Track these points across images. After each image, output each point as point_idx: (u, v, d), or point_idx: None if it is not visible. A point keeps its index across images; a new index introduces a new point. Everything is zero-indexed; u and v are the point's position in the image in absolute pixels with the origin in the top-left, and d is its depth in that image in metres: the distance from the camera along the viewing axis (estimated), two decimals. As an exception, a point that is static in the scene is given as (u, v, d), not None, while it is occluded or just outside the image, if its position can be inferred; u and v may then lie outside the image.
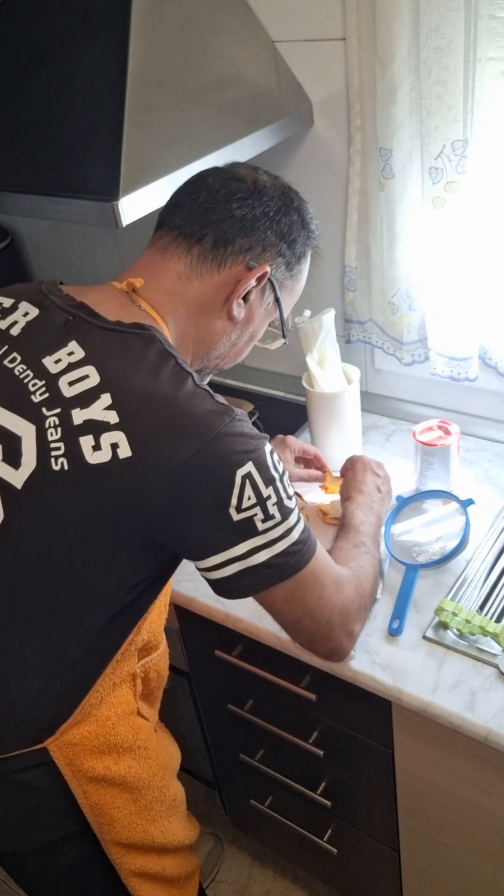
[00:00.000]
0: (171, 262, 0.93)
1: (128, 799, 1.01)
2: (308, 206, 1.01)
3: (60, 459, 0.83)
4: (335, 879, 1.57)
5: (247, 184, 0.94)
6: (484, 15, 1.06)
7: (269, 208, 0.94)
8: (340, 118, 1.32)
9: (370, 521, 1.15)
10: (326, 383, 1.38)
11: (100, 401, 0.83)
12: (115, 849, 1.02)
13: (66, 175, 1.08)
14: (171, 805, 1.08)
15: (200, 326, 0.95)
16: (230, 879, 1.75)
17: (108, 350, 0.86)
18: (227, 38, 1.22)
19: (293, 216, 0.97)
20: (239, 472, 0.82)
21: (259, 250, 0.94)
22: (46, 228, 1.93)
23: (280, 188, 0.97)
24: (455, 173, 1.17)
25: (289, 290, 1.02)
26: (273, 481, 0.85)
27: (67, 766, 0.94)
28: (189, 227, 0.93)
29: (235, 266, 0.93)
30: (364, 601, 1.00)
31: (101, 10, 1.11)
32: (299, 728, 1.28)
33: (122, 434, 0.81)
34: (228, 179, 0.94)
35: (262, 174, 0.97)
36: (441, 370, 1.39)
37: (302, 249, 0.99)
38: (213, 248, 0.92)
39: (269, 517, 0.85)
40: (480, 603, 1.16)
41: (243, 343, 1.02)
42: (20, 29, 1.22)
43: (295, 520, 0.88)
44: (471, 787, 1.09)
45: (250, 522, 0.84)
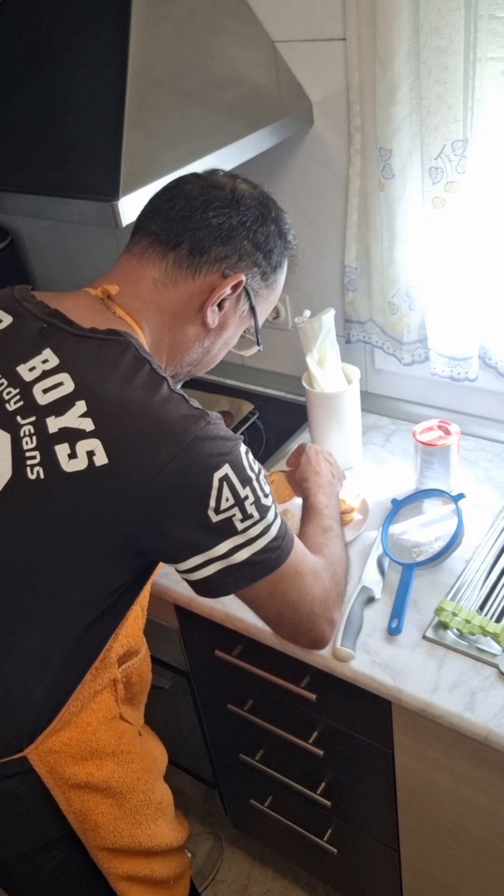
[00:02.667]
0: (147, 268, 0.93)
1: (112, 804, 1.00)
2: (286, 216, 1.01)
3: (36, 468, 0.83)
4: (335, 879, 1.57)
5: (225, 192, 0.94)
6: (484, 15, 1.06)
7: (246, 218, 0.94)
8: (340, 118, 1.32)
9: (332, 504, 1.15)
10: (326, 383, 1.38)
11: (75, 408, 0.82)
12: (101, 854, 1.01)
13: (66, 175, 1.08)
14: (157, 808, 1.08)
15: (175, 333, 0.95)
16: (230, 879, 1.75)
17: (82, 357, 0.86)
18: (227, 38, 1.22)
19: (270, 226, 0.96)
20: (216, 475, 0.82)
21: (235, 259, 0.94)
22: (46, 228, 1.93)
23: (258, 198, 0.97)
24: (455, 173, 1.17)
25: (264, 299, 1.02)
26: (250, 481, 0.85)
27: (48, 774, 0.94)
28: (165, 234, 0.92)
29: (210, 274, 0.93)
30: (340, 587, 1.01)
31: (101, 9, 1.11)
32: (299, 728, 1.28)
33: (98, 441, 0.81)
34: (207, 187, 0.94)
35: (241, 183, 0.97)
36: (441, 370, 1.39)
37: (278, 259, 0.99)
38: (188, 255, 0.92)
39: (248, 516, 0.85)
40: (480, 603, 1.16)
41: (217, 350, 1.02)
42: (20, 28, 1.22)
43: (273, 516, 0.88)
44: (471, 787, 1.09)
45: (229, 523, 0.84)
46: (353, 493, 1.36)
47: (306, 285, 1.56)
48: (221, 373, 1.84)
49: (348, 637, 1.09)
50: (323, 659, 1.10)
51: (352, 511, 1.31)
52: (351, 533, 1.28)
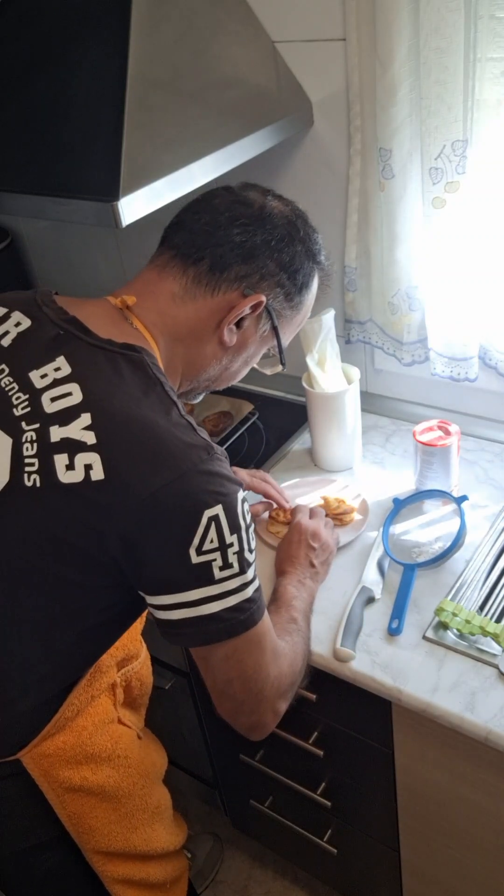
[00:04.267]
0: (167, 281, 0.93)
1: (107, 808, 1.00)
2: (316, 236, 0.99)
3: (33, 476, 0.82)
4: (335, 880, 1.57)
5: (253, 209, 0.93)
6: (484, 15, 1.06)
7: (271, 237, 0.92)
8: (340, 118, 1.32)
9: (302, 598, 1.11)
10: (326, 383, 1.38)
11: (79, 420, 0.81)
12: (96, 857, 1.01)
13: (66, 175, 1.08)
14: (154, 813, 1.07)
15: (191, 349, 0.94)
16: (230, 879, 1.75)
17: (94, 369, 0.85)
18: (227, 38, 1.22)
19: (297, 246, 0.95)
20: (206, 513, 0.80)
21: (256, 278, 0.93)
22: (46, 228, 1.93)
23: (287, 216, 0.95)
24: (455, 173, 1.17)
25: (288, 320, 1.00)
26: (239, 529, 0.82)
27: (42, 777, 0.93)
28: (187, 249, 0.92)
29: (230, 292, 0.92)
30: (295, 678, 0.96)
31: (101, 10, 1.11)
32: (299, 728, 1.27)
33: (98, 456, 0.80)
34: (235, 203, 0.93)
35: (273, 200, 0.95)
36: (441, 370, 1.39)
37: (305, 280, 0.98)
38: (208, 272, 0.91)
39: (228, 566, 0.82)
40: (480, 603, 1.16)
41: (237, 367, 1.02)
42: (20, 29, 1.22)
43: (252, 575, 0.85)
44: (471, 787, 1.09)
45: (208, 568, 0.81)
46: (353, 494, 1.36)
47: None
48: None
49: (348, 637, 1.10)
50: (323, 659, 1.10)
51: (352, 511, 1.31)
52: (351, 533, 1.28)
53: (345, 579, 1.21)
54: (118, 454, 0.80)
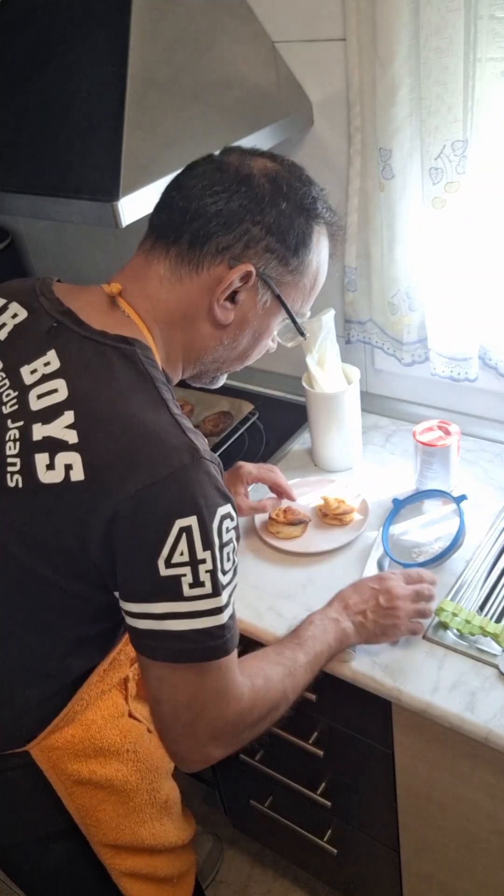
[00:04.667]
0: (153, 265, 0.88)
1: (115, 802, 0.99)
2: (307, 188, 0.90)
3: (15, 476, 0.81)
4: (335, 880, 1.56)
5: (228, 173, 0.86)
6: (484, 15, 1.06)
7: (248, 199, 0.85)
8: (340, 118, 1.32)
9: (323, 642, 1.00)
10: (326, 383, 1.38)
11: (62, 418, 0.79)
12: (104, 850, 1.01)
13: (66, 175, 1.08)
14: (162, 807, 1.07)
15: (187, 332, 0.90)
16: (230, 879, 1.75)
17: (83, 364, 0.82)
18: (227, 38, 1.22)
19: (281, 204, 0.86)
20: (178, 522, 0.75)
21: (240, 247, 0.86)
22: (46, 228, 1.93)
23: (268, 173, 0.87)
24: (455, 174, 1.17)
25: (292, 285, 0.92)
26: (212, 546, 0.77)
27: (51, 770, 0.93)
28: (166, 229, 0.87)
29: (215, 266, 0.86)
30: (243, 728, 0.88)
31: (101, 10, 1.11)
32: (299, 728, 1.27)
33: (78, 456, 0.78)
34: (210, 171, 0.87)
35: (254, 159, 0.88)
36: (441, 370, 1.39)
37: (299, 239, 0.89)
38: (188, 249, 0.86)
39: (198, 583, 0.77)
40: (480, 603, 1.16)
41: (246, 345, 0.94)
42: (21, 29, 1.22)
43: (226, 601, 0.80)
44: (471, 787, 1.09)
45: (176, 582, 0.77)
46: (353, 494, 1.36)
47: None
48: (221, 373, 1.84)
49: (348, 637, 1.09)
50: (323, 659, 1.10)
51: (352, 511, 1.31)
52: (351, 533, 1.28)
53: (345, 579, 1.21)
54: (98, 455, 0.77)
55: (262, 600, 1.20)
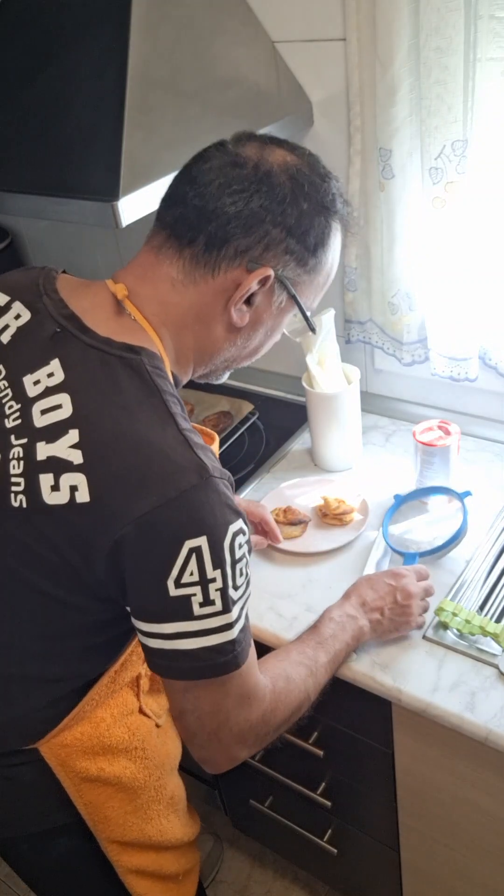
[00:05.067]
0: (164, 265, 0.84)
1: (123, 799, 1.00)
2: (326, 184, 0.86)
3: (20, 496, 0.79)
4: (335, 879, 1.57)
5: (247, 170, 0.82)
6: (484, 15, 1.06)
7: (269, 200, 0.81)
8: (340, 118, 1.32)
9: (342, 640, 1.01)
10: (326, 383, 1.38)
11: (67, 437, 0.77)
12: (110, 846, 1.01)
13: (66, 175, 1.08)
14: (168, 804, 1.07)
15: (200, 336, 0.87)
16: (230, 879, 1.75)
17: (87, 376, 0.80)
18: (227, 38, 1.22)
19: (303, 204, 0.83)
20: (187, 544, 0.74)
21: (260, 250, 0.82)
22: (46, 228, 1.93)
23: (288, 169, 0.83)
24: (455, 174, 1.17)
25: (307, 284, 0.89)
26: (223, 564, 0.76)
27: (60, 766, 0.93)
28: (180, 228, 0.83)
29: (232, 270, 0.83)
30: (268, 730, 0.89)
31: (101, 10, 1.11)
32: (299, 728, 1.27)
33: (84, 477, 0.76)
34: (227, 165, 0.82)
35: (272, 152, 0.84)
36: (441, 370, 1.39)
37: (318, 239, 0.86)
38: (205, 251, 0.82)
39: (209, 602, 0.76)
40: (480, 603, 1.16)
41: (257, 343, 0.93)
42: (21, 29, 1.22)
43: (237, 615, 0.79)
44: (471, 787, 1.09)
45: (186, 602, 0.76)
46: (353, 494, 1.36)
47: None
48: (221, 373, 1.84)
49: (348, 637, 1.09)
50: (323, 659, 1.10)
51: (352, 511, 1.31)
52: (351, 533, 1.28)
53: (345, 579, 1.21)
54: (104, 476, 0.75)
55: (262, 600, 1.20)
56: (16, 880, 1.85)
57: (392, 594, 1.07)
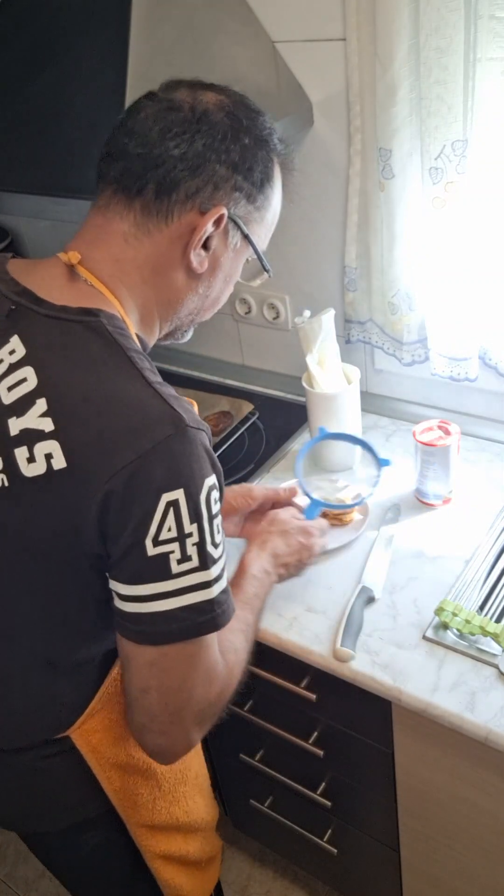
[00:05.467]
0: (114, 222, 0.82)
1: (151, 783, 1.01)
2: (263, 118, 0.86)
3: (0, 475, 0.78)
4: (335, 879, 1.57)
5: (183, 112, 0.81)
6: (484, 15, 1.06)
7: (211, 138, 0.80)
8: (340, 118, 1.32)
9: (263, 598, 1.02)
10: (326, 383, 1.38)
11: (35, 407, 0.76)
12: (140, 831, 1.02)
13: (66, 175, 1.08)
14: (193, 784, 1.08)
15: (161, 288, 0.85)
16: (230, 879, 1.75)
17: (48, 346, 0.79)
18: (227, 38, 1.22)
19: (244, 139, 0.82)
20: (164, 497, 0.73)
21: (210, 190, 0.81)
22: (46, 228, 1.93)
23: (224, 107, 0.83)
24: (455, 174, 1.17)
25: (258, 222, 0.88)
26: (200, 519, 0.75)
27: (91, 753, 0.94)
28: (126, 180, 0.81)
29: (185, 214, 0.81)
30: (220, 708, 0.87)
31: (101, 10, 1.11)
32: (299, 728, 1.28)
33: (57, 444, 0.75)
34: (163, 111, 0.81)
35: (204, 93, 0.83)
36: (441, 370, 1.39)
37: (263, 174, 0.85)
38: (155, 199, 0.80)
39: (186, 558, 0.75)
40: (480, 603, 1.16)
41: (217, 291, 0.91)
42: (21, 29, 1.22)
43: (216, 574, 0.78)
44: (471, 787, 1.09)
45: (164, 561, 0.75)
46: (353, 494, 1.36)
47: (306, 285, 1.56)
48: (221, 373, 1.84)
49: (348, 637, 1.10)
50: (323, 659, 1.10)
51: (352, 511, 1.31)
52: (351, 533, 1.28)
53: (345, 579, 1.21)
54: (77, 439, 0.74)
55: (262, 600, 1.20)
56: (16, 880, 1.85)
57: (300, 552, 1.09)
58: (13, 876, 1.86)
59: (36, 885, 1.83)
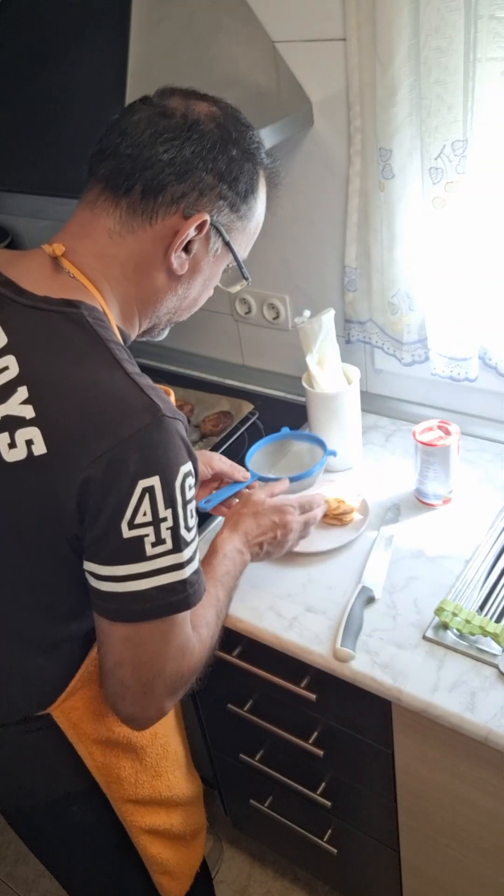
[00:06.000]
0: (101, 218, 0.85)
1: (132, 758, 1.03)
2: (252, 133, 0.90)
3: None
4: (335, 879, 1.57)
5: (175, 119, 0.84)
6: (484, 15, 1.06)
7: (200, 147, 0.84)
8: (340, 118, 1.32)
9: (234, 576, 1.06)
10: (326, 383, 1.38)
11: (16, 395, 0.79)
12: (125, 807, 1.04)
13: (66, 175, 1.08)
14: (174, 759, 1.11)
15: (141, 285, 0.88)
16: (230, 879, 1.75)
17: (30, 335, 0.81)
18: (227, 38, 1.22)
19: (231, 150, 0.86)
20: (141, 483, 0.76)
21: (195, 196, 0.85)
22: (46, 228, 1.93)
23: (215, 118, 0.86)
24: (455, 173, 1.17)
25: (240, 231, 0.92)
26: (174, 504, 0.79)
27: (72, 730, 0.96)
28: (115, 178, 0.84)
29: (170, 216, 0.84)
30: (190, 680, 0.91)
31: (101, 10, 1.11)
32: (299, 728, 1.28)
33: (38, 430, 0.78)
34: (155, 116, 0.84)
35: (197, 103, 0.87)
36: (441, 370, 1.39)
37: (248, 185, 0.89)
38: (142, 199, 0.84)
39: (160, 541, 0.79)
40: (480, 603, 1.16)
41: (196, 293, 0.95)
42: (20, 29, 1.22)
43: (188, 556, 0.82)
44: (471, 787, 1.09)
45: (139, 543, 0.78)
46: (353, 494, 1.36)
47: (306, 285, 1.56)
48: (221, 373, 1.84)
49: (348, 637, 1.10)
50: (323, 659, 1.10)
51: (352, 511, 1.31)
52: (351, 533, 1.28)
53: (345, 579, 1.21)
54: (57, 426, 0.78)
55: (262, 600, 1.20)
56: (16, 880, 1.85)
57: (273, 530, 1.12)
58: (13, 876, 1.86)
59: (36, 885, 1.83)
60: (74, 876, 1.16)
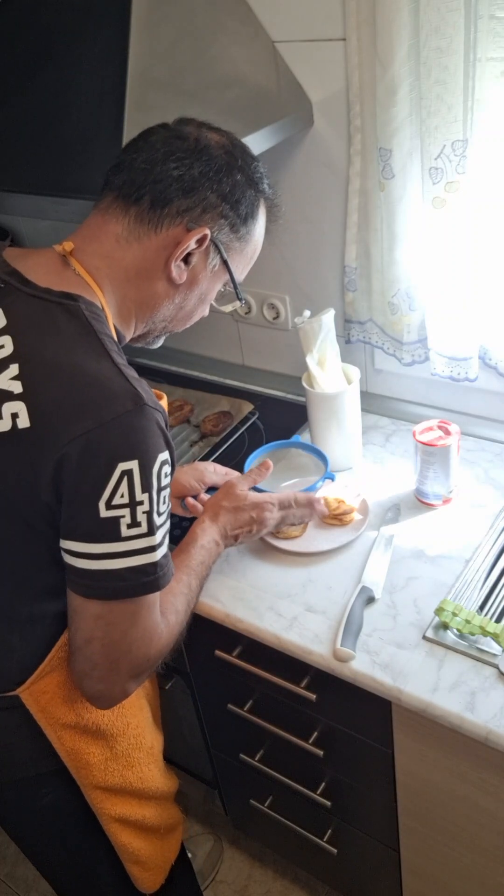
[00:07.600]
0: (110, 224, 0.92)
1: (102, 745, 1.04)
2: (257, 164, 0.97)
3: None
4: (335, 879, 1.57)
5: (188, 143, 0.91)
6: (484, 15, 1.06)
7: (209, 168, 0.91)
8: (340, 118, 1.32)
9: (208, 566, 1.11)
10: (326, 383, 1.38)
11: (7, 371, 0.84)
12: (94, 793, 1.05)
13: (66, 175, 1.09)
14: (148, 752, 1.12)
15: (141, 290, 0.94)
16: (230, 879, 1.75)
17: (28, 320, 0.87)
18: (227, 38, 1.22)
19: (236, 175, 0.93)
20: (120, 466, 0.81)
21: (198, 211, 0.91)
22: (46, 228, 1.93)
23: (224, 146, 0.94)
24: (455, 173, 1.17)
25: (238, 252, 0.98)
26: (150, 489, 0.83)
27: (40, 713, 0.98)
28: (127, 188, 0.91)
29: (173, 228, 0.91)
30: (155, 664, 0.95)
31: (101, 10, 1.11)
32: (299, 728, 1.28)
33: (23, 405, 0.82)
34: (171, 138, 0.92)
35: (209, 132, 0.94)
36: (441, 370, 1.39)
37: (248, 210, 0.96)
38: (150, 209, 0.90)
39: (136, 524, 0.83)
40: (480, 603, 1.16)
41: (192, 306, 1.00)
42: (21, 29, 1.22)
43: (160, 539, 0.87)
44: (471, 787, 1.09)
45: (115, 523, 0.83)
46: (353, 494, 1.36)
47: (306, 285, 1.56)
48: (221, 373, 1.85)
49: (348, 637, 1.10)
50: (323, 659, 1.10)
51: (352, 511, 1.31)
52: (351, 533, 1.28)
53: (345, 579, 1.21)
54: (43, 402, 0.82)
55: (262, 600, 1.20)
56: (16, 880, 1.85)
57: (250, 525, 1.17)
58: (13, 876, 1.87)
59: (36, 885, 1.83)
60: (47, 858, 1.17)
